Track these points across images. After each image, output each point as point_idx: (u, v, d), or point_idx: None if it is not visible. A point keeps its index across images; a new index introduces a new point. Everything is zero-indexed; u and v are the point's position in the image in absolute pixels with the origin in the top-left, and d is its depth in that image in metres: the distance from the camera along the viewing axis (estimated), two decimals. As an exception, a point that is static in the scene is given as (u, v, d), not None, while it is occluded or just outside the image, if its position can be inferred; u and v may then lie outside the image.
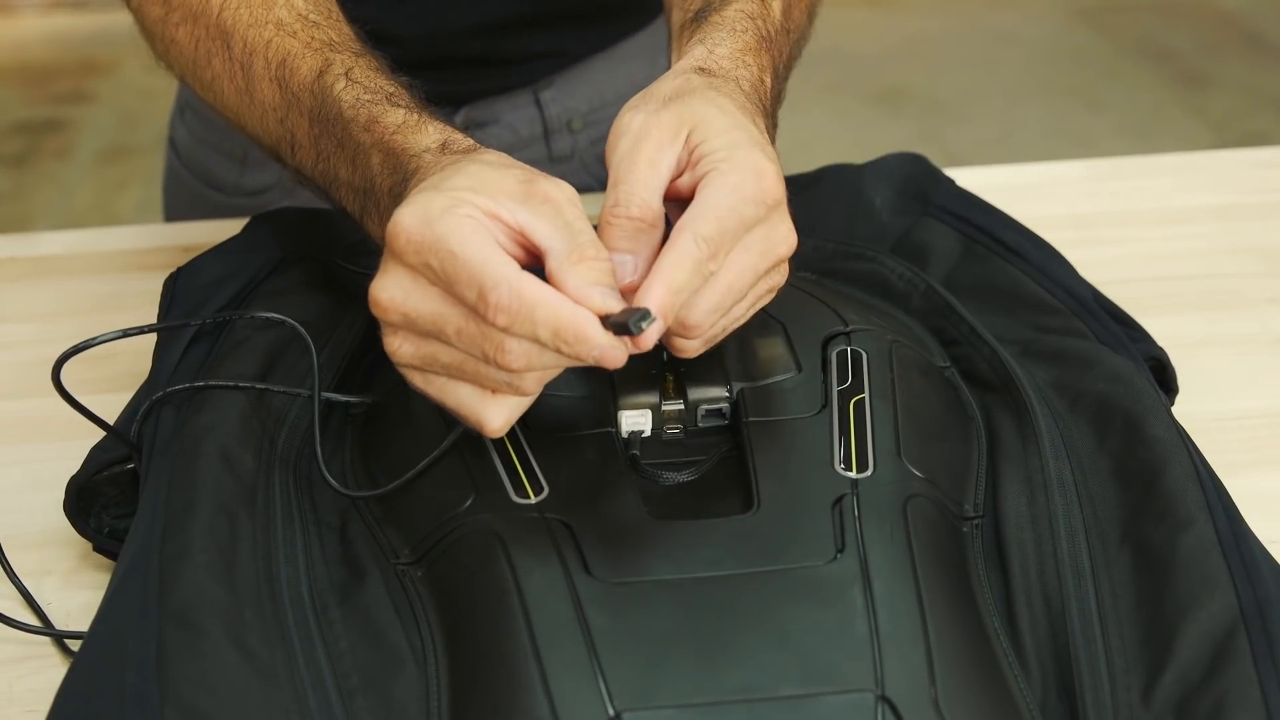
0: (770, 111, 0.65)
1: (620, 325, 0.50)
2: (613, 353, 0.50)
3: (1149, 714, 0.50)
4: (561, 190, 0.54)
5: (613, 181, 0.56)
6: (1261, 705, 0.49)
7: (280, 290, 0.73)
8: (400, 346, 0.54)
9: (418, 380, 0.55)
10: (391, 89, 0.63)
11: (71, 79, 3.63)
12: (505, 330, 0.50)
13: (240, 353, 0.67)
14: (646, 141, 0.56)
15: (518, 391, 0.54)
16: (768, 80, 0.65)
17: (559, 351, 0.51)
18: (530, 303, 0.50)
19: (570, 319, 0.50)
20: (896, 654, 0.49)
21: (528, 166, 0.56)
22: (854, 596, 0.51)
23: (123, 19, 0.85)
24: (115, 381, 0.74)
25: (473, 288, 0.50)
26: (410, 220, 0.52)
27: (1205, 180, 1.03)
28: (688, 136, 0.56)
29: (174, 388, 0.63)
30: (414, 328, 0.53)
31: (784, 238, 0.56)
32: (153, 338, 0.70)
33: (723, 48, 0.64)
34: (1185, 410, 0.67)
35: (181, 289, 0.73)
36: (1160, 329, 0.74)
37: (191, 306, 0.71)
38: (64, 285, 0.90)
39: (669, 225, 0.55)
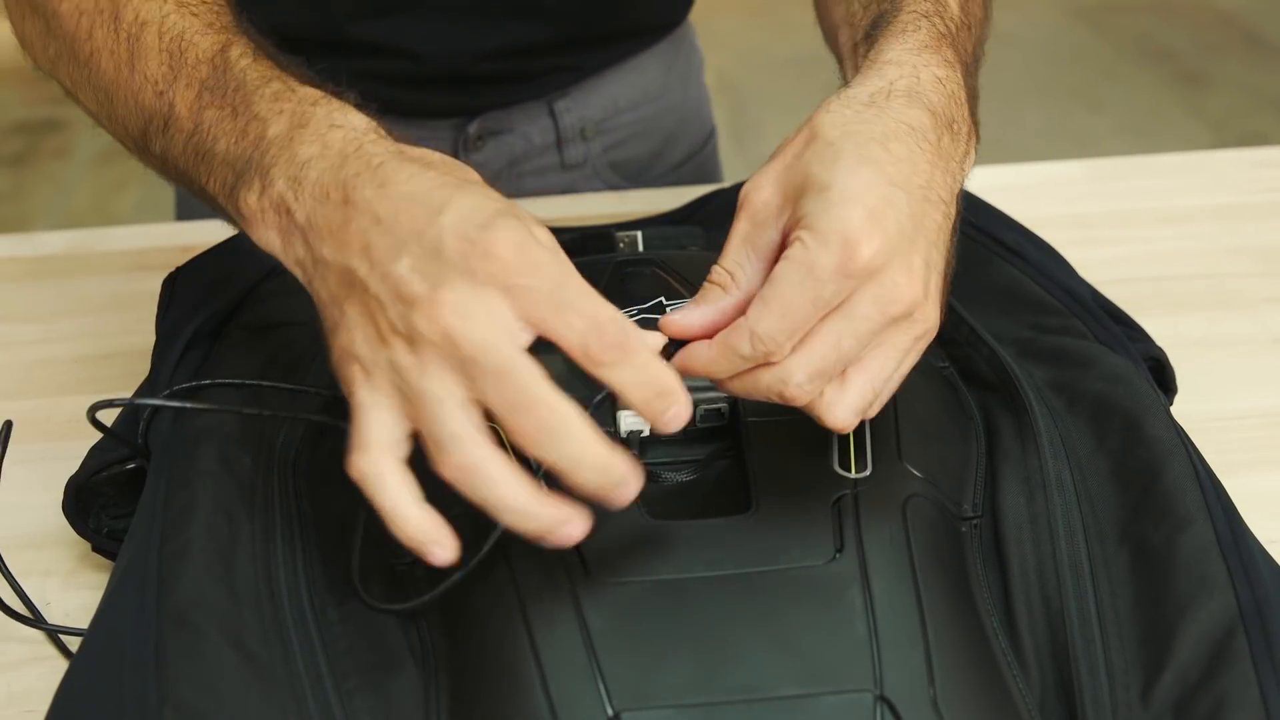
0: (965, 100, 0.59)
1: None
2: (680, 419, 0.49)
3: (1148, 714, 0.50)
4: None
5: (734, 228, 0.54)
6: (1260, 705, 0.48)
7: (279, 291, 0.73)
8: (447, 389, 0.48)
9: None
10: (299, 71, 0.60)
11: (71, 79, 3.62)
12: (611, 366, 0.48)
13: (239, 354, 0.67)
14: (742, 218, 0.54)
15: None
16: (950, 74, 0.58)
17: (646, 406, 0.49)
18: (636, 346, 0.48)
19: (667, 372, 0.49)
20: (895, 654, 0.49)
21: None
22: (853, 597, 0.51)
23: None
24: (114, 381, 0.74)
25: (589, 316, 0.48)
26: (513, 234, 0.47)
27: (1204, 180, 1.03)
28: (794, 207, 0.52)
29: (176, 388, 0.63)
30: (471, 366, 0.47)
31: (891, 298, 0.50)
32: (150, 337, 0.70)
33: (888, 53, 0.58)
34: (1184, 410, 0.67)
35: (180, 289, 0.73)
36: (1159, 329, 0.74)
37: (190, 307, 0.71)
38: (64, 285, 0.90)
39: None
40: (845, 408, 0.52)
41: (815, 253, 0.49)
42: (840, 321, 0.50)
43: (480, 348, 0.47)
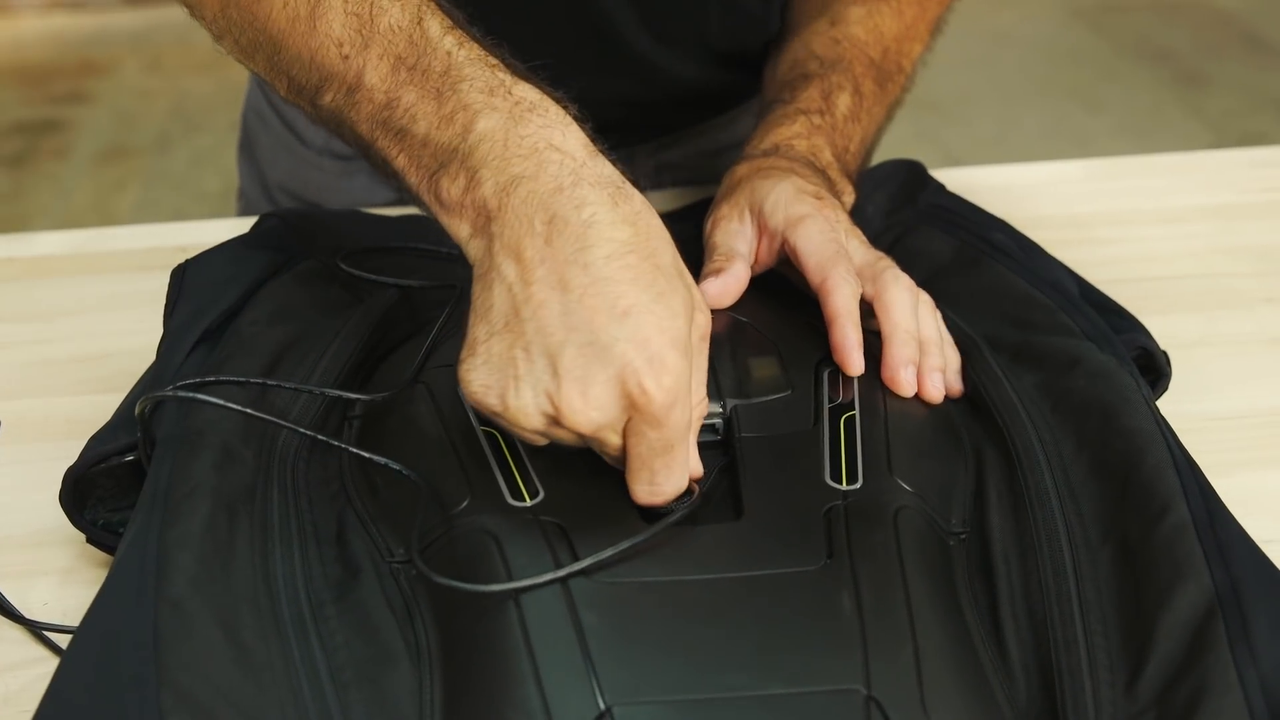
0: (825, 169, 0.78)
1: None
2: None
3: (1134, 707, 0.50)
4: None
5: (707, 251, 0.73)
6: (1239, 688, 0.48)
7: (285, 289, 0.73)
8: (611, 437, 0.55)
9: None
10: (507, 60, 0.61)
11: (69, 79, 3.63)
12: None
13: (245, 351, 0.67)
14: (717, 230, 0.73)
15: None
16: (822, 155, 0.79)
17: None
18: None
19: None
20: (884, 655, 0.49)
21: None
22: (843, 600, 0.51)
23: (121, 19, 0.84)
24: (115, 382, 0.74)
25: (671, 484, 0.56)
26: (668, 379, 0.53)
27: (1203, 180, 1.03)
28: (750, 213, 0.73)
29: (180, 383, 0.63)
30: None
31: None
32: (152, 341, 0.70)
33: (768, 140, 0.79)
34: (1181, 410, 0.68)
35: (189, 284, 0.73)
36: (1157, 328, 0.74)
37: (199, 305, 0.71)
38: (62, 285, 0.90)
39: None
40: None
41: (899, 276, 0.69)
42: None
43: (601, 444, 0.55)
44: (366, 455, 0.60)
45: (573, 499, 0.56)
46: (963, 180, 0.87)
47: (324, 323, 0.70)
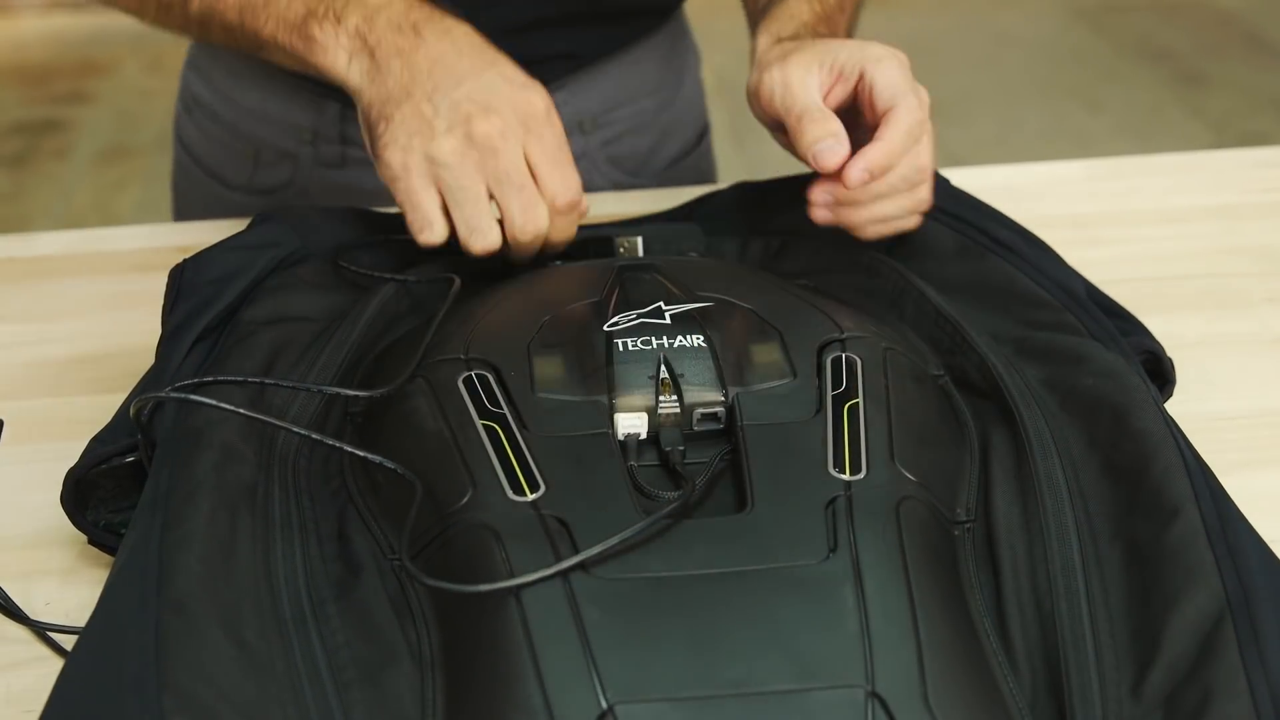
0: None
1: None
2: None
3: (1139, 708, 0.50)
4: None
5: (794, 113, 0.73)
6: (1248, 694, 0.48)
7: (282, 286, 0.73)
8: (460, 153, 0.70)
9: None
10: None
11: (70, 79, 3.63)
12: (559, 216, 0.73)
13: (244, 349, 0.67)
14: (792, 90, 0.74)
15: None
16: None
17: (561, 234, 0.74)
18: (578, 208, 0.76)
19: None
20: (887, 651, 0.49)
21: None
22: (845, 595, 0.51)
23: (122, 19, 0.85)
24: (115, 382, 0.74)
25: (561, 180, 0.73)
26: (543, 99, 0.74)
27: (1204, 180, 1.03)
28: (829, 66, 0.74)
29: (179, 384, 0.63)
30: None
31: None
32: (152, 341, 0.70)
33: (788, 29, 0.81)
34: (1184, 410, 0.67)
35: (187, 283, 0.73)
36: (1159, 329, 0.74)
37: (198, 303, 0.71)
38: (63, 285, 0.90)
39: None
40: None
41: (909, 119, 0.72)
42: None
43: (502, 155, 0.71)
44: (362, 454, 0.60)
45: (573, 493, 0.56)
46: (964, 180, 0.87)
47: (322, 319, 0.71)
